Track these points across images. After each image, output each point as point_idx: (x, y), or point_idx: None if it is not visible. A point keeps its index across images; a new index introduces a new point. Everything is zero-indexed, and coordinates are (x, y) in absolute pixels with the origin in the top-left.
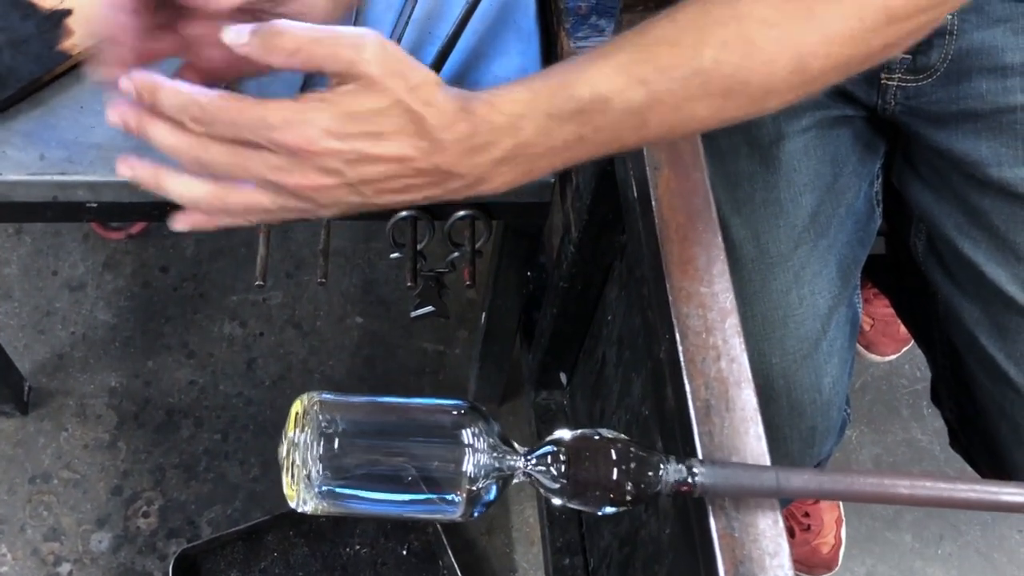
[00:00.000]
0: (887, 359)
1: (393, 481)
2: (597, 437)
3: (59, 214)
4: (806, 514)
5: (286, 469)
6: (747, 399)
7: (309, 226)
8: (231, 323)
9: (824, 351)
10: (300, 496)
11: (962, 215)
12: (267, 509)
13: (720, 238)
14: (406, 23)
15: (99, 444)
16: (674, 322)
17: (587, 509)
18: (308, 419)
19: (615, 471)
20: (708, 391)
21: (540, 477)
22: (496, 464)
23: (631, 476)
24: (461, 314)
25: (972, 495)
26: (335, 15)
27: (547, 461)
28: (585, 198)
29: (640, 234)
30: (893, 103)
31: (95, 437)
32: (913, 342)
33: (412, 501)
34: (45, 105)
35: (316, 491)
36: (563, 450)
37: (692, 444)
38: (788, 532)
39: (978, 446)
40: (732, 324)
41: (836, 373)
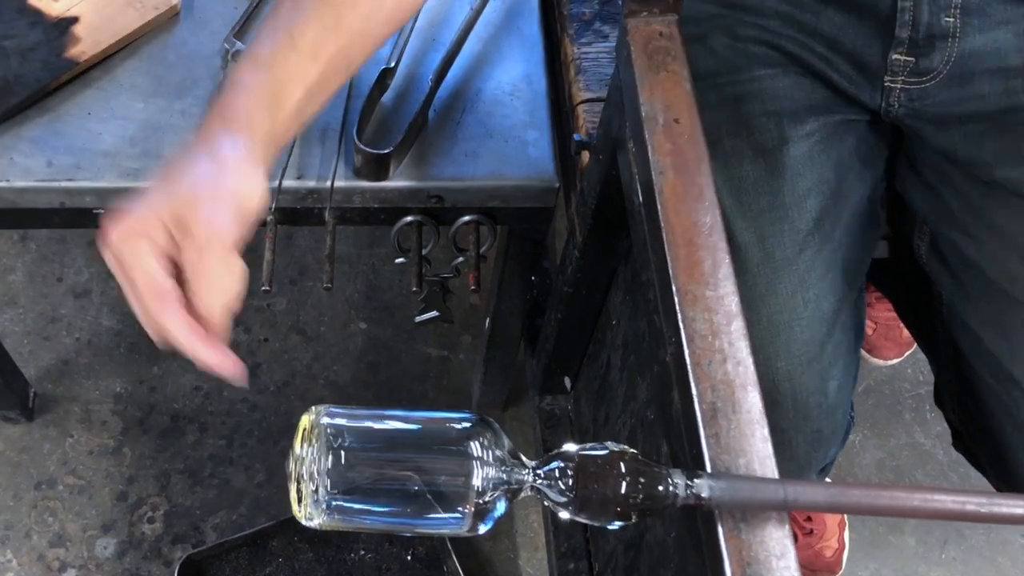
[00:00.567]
0: (890, 363)
1: (401, 495)
2: (605, 451)
3: (66, 220)
4: (808, 518)
5: (294, 484)
6: (753, 402)
7: (312, 232)
8: (235, 329)
9: (829, 354)
10: (308, 511)
11: (966, 216)
12: (272, 515)
13: (725, 242)
14: (410, 31)
15: (104, 450)
16: (680, 326)
17: (595, 523)
18: (315, 434)
19: (623, 485)
20: (714, 394)
21: (548, 491)
22: (504, 478)
23: (639, 491)
24: (465, 319)
25: (983, 509)
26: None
27: (555, 475)
28: (590, 203)
29: (645, 238)
30: (897, 106)
31: (100, 443)
32: (915, 346)
33: (420, 516)
34: (52, 112)
35: (324, 506)
36: (571, 465)
37: (698, 447)
38: None
39: (982, 447)
40: (738, 327)
41: (841, 376)
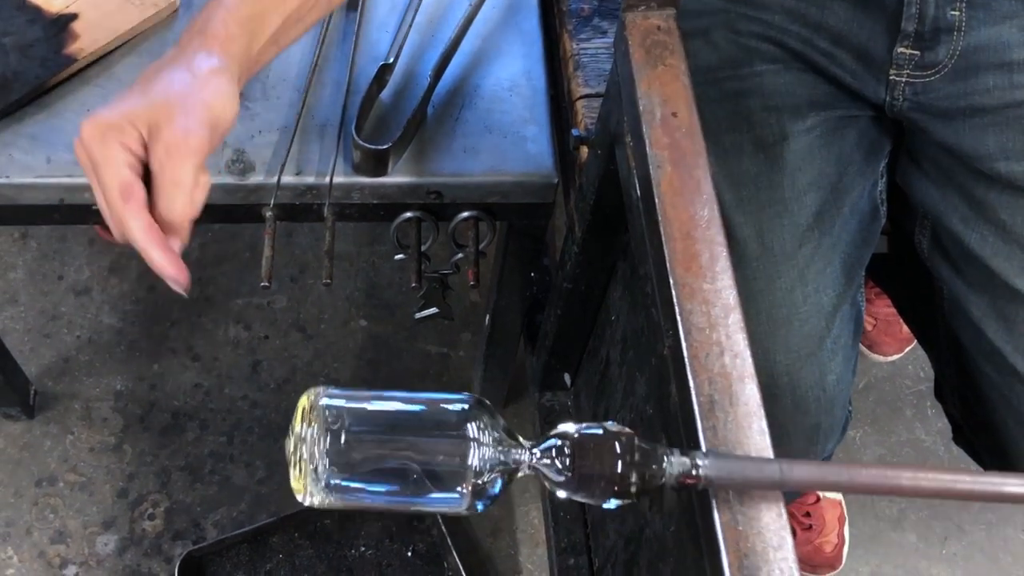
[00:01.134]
0: (890, 359)
1: (399, 475)
2: (601, 431)
3: (66, 216)
4: (807, 514)
5: (293, 463)
6: (751, 394)
7: (312, 230)
8: (236, 327)
9: (828, 349)
10: (307, 490)
11: (968, 209)
12: (272, 511)
13: (723, 235)
14: (409, 27)
15: (105, 447)
16: (678, 318)
17: (592, 502)
18: (314, 414)
19: (619, 464)
20: (712, 386)
21: (545, 471)
22: (501, 458)
23: (635, 468)
24: (465, 316)
25: (975, 487)
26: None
27: (552, 455)
28: (588, 198)
29: (643, 232)
30: (901, 99)
31: (101, 440)
32: (915, 342)
33: (418, 495)
34: (51, 108)
35: (323, 485)
36: (567, 444)
37: (696, 440)
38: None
39: (983, 441)
40: (735, 320)
41: (840, 371)
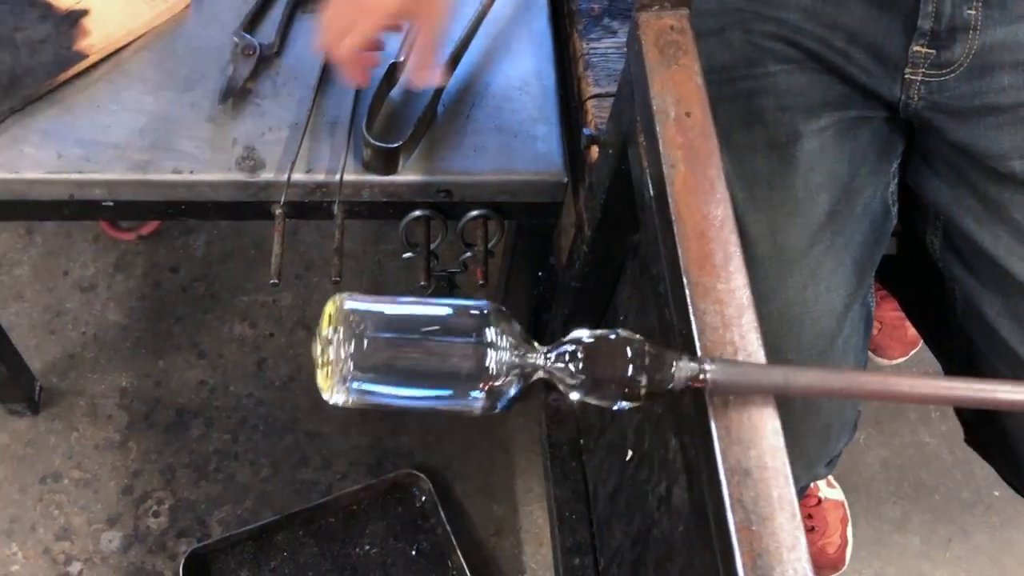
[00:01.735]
0: (895, 362)
1: (420, 377)
2: (614, 336)
3: (76, 212)
4: (809, 515)
5: (320, 365)
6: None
7: (318, 228)
8: (241, 324)
9: (840, 348)
10: (332, 391)
11: (982, 209)
12: (277, 509)
13: (736, 235)
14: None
15: (110, 444)
16: (691, 318)
17: (603, 403)
18: (340, 319)
19: (630, 367)
20: None
21: (559, 374)
22: (517, 361)
23: (645, 372)
24: None
25: (970, 393)
26: None
27: (566, 359)
28: (599, 197)
29: (657, 232)
30: (916, 98)
31: (106, 437)
32: (920, 345)
33: (437, 397)
34: (62, 104)
35: (347, 387)
36: (581, 348)
37: (709, 439)
38: None
39: (995, 441)
40: (749, 320)
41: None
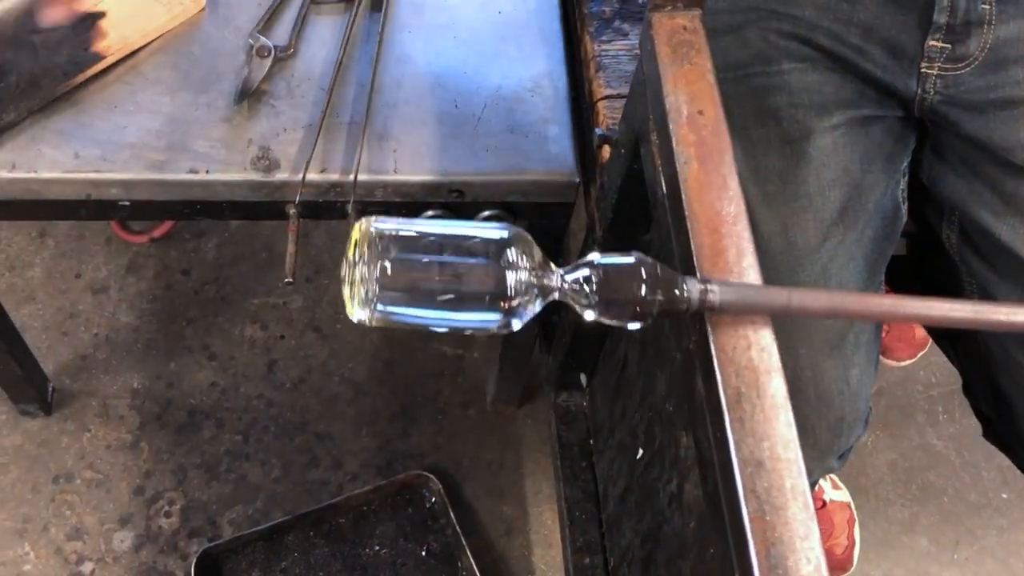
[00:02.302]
0: (903, 364)
1: (442, 297)
2: (628, 258)
3: (93, 212)
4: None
5: (346, 283)
6: (777, 387)
7: (328, 231)
8: (252, 326)
9: (851, 343)
10: (357, 311)
11: (998, 202)
12: (288, 509)
13: (749, 231)
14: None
15: (121, 444)
16: (705, 313)
17: (616, 323)
18: (366, 242)
19: (643, 288)
20: (739, 379)
21: (574, 295)
22: (535, 281)
23: (657, 293)
24: None
25: (971, 315)
26: None
27: (580, 281)
28: (611, 196)
29: (670, 229)
30: (932, 92)
31: (118, 437)
32: (928, 346)
33: (459, 315)
34: (79, 105)
35: (372, 306)
36: (596, 271)
37: (723, 431)
38: None
39: (1016, 434)
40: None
41: (863, 365)
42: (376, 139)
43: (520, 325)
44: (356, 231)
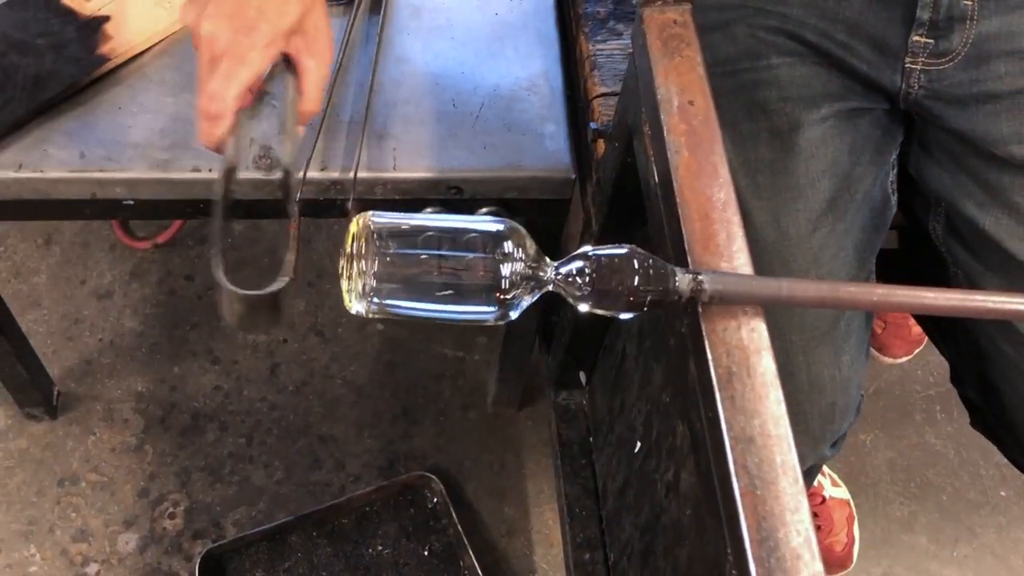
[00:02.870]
0: (899, 361)
1: (438, 290)
2: (620, 249)
3: (97, 211)
4: (815, 514)
5: (343, 277)
6: (767, 365)
7: (330, 236)
8: None
9: (842, 329)
10: (355, 304)
11: (982, 194)
12: (291, 511)
13: (739, 216)
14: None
15: (126, 447)
16: (698, 303)
17: (609, 313)
18: (363, 236)
19: (636, 279)
20: (729, 358)
21: (568, 286)
22: (530, 274)
23: (649, 283)
24: None
25: (958, 303)
26: None
27: (574, 272)
28: (606, 190)
29: (662, 217)
30: (917, 87)
31: (122, 441)
32: (924, 344)
33: (455, 307)
34: (85, 106)
35: (370, 300)
36: (589, 262)
37: (715, 410)
38: None
39: (1002, 422)
40: None
41: (854, 351)
42: (376, 137)
43: (515, 316)
44: (354, 225)
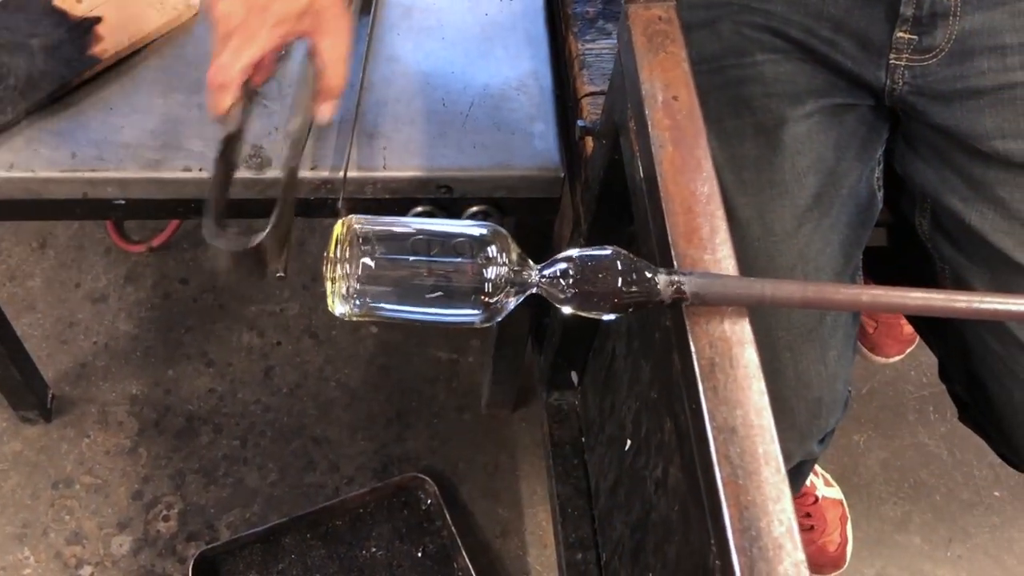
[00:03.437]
0: (892, 360)
1: (423, 293)
2: (603, 252)
3: (89, 211)
4: (807, 514)
5: (328, 280)
6: (750, 357)
7: (324, 238)
8: (249, 333)
9: (829, 325)
10: (338, 306)
11: (967, 189)
12: (284, 513)
13: (722, 210)
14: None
15: (120, 450)
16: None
17: (592, 315)
18: (347, 239)
19: (619, 281)
20: (712, 350)
21: (552, 289)
22: (513, 277)
23: (632, 285)
24: None
25: (943, 303)
26: None
27: (557, 275)
28: (594, 188)
29: (647, 211)
30: (901, 83)
31: (116, 443)
32: (916, 343)
33: (440, 311)
34: (76, 106)
35: (354, 302)
36: (572, 266)
37: (697, 401)
38: None
39: (988, 415)
40: None
41: (841, 347)
42: (366, 137)
43: (500, 318)
44: (338, 228)
